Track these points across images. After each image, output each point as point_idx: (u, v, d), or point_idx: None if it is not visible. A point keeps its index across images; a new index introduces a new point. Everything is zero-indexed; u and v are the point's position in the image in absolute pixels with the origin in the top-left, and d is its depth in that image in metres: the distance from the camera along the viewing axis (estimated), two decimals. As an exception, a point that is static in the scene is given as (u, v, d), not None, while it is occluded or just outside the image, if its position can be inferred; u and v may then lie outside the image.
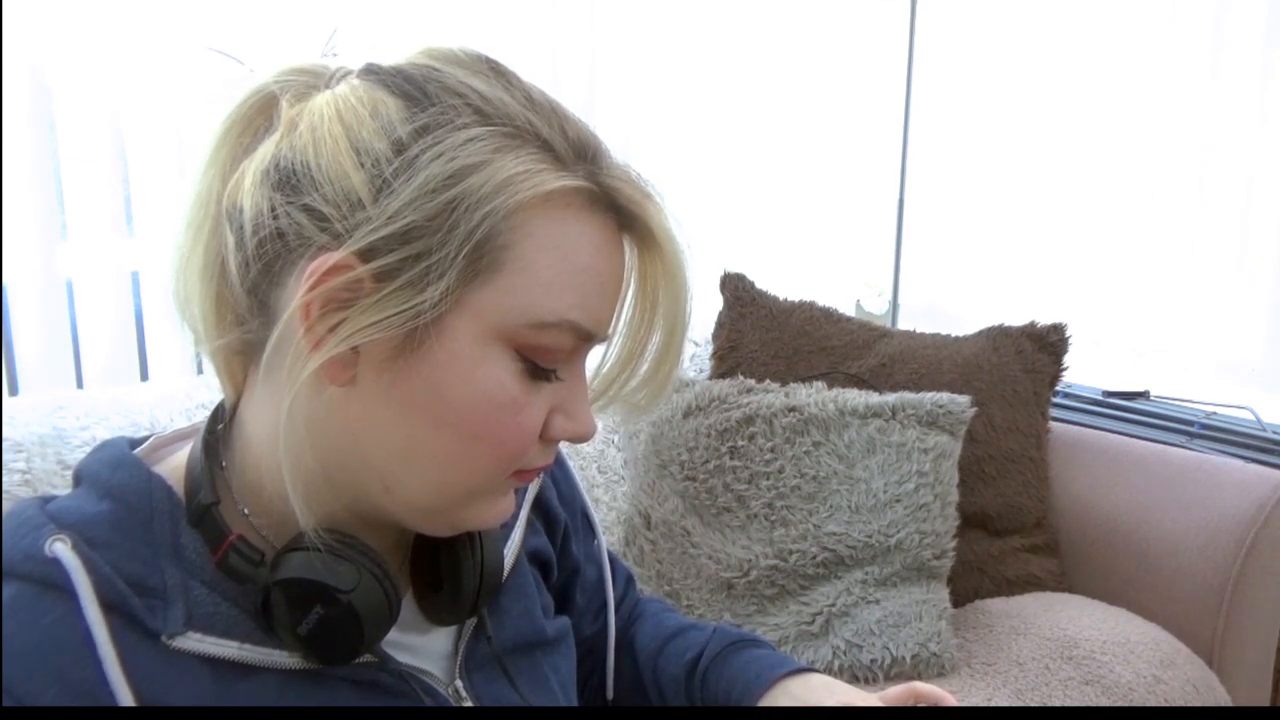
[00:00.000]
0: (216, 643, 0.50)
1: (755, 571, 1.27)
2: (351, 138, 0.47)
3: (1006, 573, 1.42)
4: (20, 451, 0.98)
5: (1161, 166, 1.84)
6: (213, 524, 0.52)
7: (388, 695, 0.55)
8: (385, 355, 0.48)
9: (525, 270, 0.49)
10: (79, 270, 1.36)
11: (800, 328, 1.54)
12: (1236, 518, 1.32)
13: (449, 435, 0.50)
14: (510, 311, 0.49)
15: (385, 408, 0.49)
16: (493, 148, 0.48)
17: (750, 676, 0.70)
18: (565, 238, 0.50)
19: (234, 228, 0.50)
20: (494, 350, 0.49)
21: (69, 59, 1.31)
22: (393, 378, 0.49)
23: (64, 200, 1.34)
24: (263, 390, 0.53)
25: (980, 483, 1.43)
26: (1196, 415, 1.69)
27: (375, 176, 0.47)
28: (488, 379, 0.49)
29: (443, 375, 0.49)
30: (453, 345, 0.48)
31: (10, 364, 1.32)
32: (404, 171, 0.47)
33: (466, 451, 0.51)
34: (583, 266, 0.50)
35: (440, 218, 0.46)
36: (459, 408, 0.49)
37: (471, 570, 0.58)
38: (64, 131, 1.33)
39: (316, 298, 0.47)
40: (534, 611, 0.66)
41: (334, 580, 0.51)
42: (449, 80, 0.49)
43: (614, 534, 1.39)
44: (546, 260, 0.49)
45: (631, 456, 1.45)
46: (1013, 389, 1.47)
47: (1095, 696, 1.16)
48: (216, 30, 1.35)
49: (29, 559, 0.48)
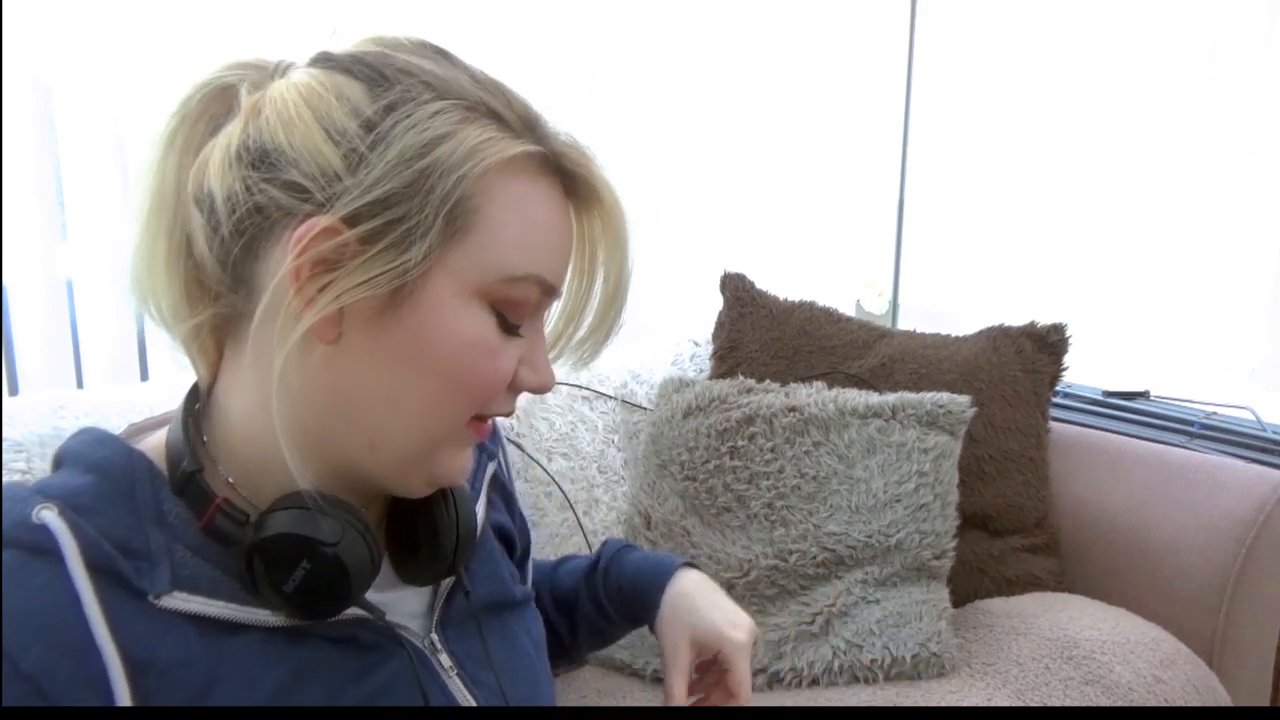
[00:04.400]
0: (203, 602, 0.52)
1: (755, 571, 1.27)
2: (320, 118, 0.52)
3: (1006, 573, 1.42)
4: (20, 451, 0.98)
5: (1161, 167, 1.84)
6: (197, 490, 0.55)
7: (366, 650, 0.57)
8: (371, 312, 0.53)
9: (494, 230, 0.54)
10: (79, 270, 1.36)
11: (800, 328, 1.54)
12: (1236, 518, 1.32)
13: (433, 380, 0.54)
14: (484, 267, 0.54)
15: (371, 360, 0.53)
16: (456, 119, 0.53)
17: (650, 569, 0.80)
18: (524, 199, 0.55)
19: (204, 210, 0.53)
20: (472, 304, 0.54)
21: (69, 59, 1.31)
22: (378, 332, 0.53)
23: (64, 200, 1.34)
24: (244, 360, 0.55)
25: (980, 483, 1.43)
26: (1196, 415, 1.69)
27: (350, 151, 0.51)
28: (468, 329, 0.54)
29: (426, 326, 0.53)
30: (434, 298, 0.53)
31: (10, 364, 1.32)
32: (378, 145, 0.51)
33: (447, 395, 0.55)
34: (541, 225, 0.56)
35: (416, 184, 0.51)
36: (442, 355, 0.54)
37: (448, 529, 0.61)
38: (64, 131, 1.33)
39: (306, 261, 0.51)
40: (501, 574, 0.70)
41: (319, 534, 0.53)
42: (401, 63, 0.54)
43: (614, 534, 1.39)
44: (511, 220, 0.54)
45: (631, 456, 1.45)
46: (1013, 389, 1.47)
47: (1095, 696, 1.16)
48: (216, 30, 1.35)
49: (17, 526, 0.50)
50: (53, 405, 1.05)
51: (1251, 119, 1.72)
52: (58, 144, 1.33)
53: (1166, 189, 1.83)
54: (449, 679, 0.61)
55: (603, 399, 1.47)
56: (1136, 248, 1.89)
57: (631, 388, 1.50)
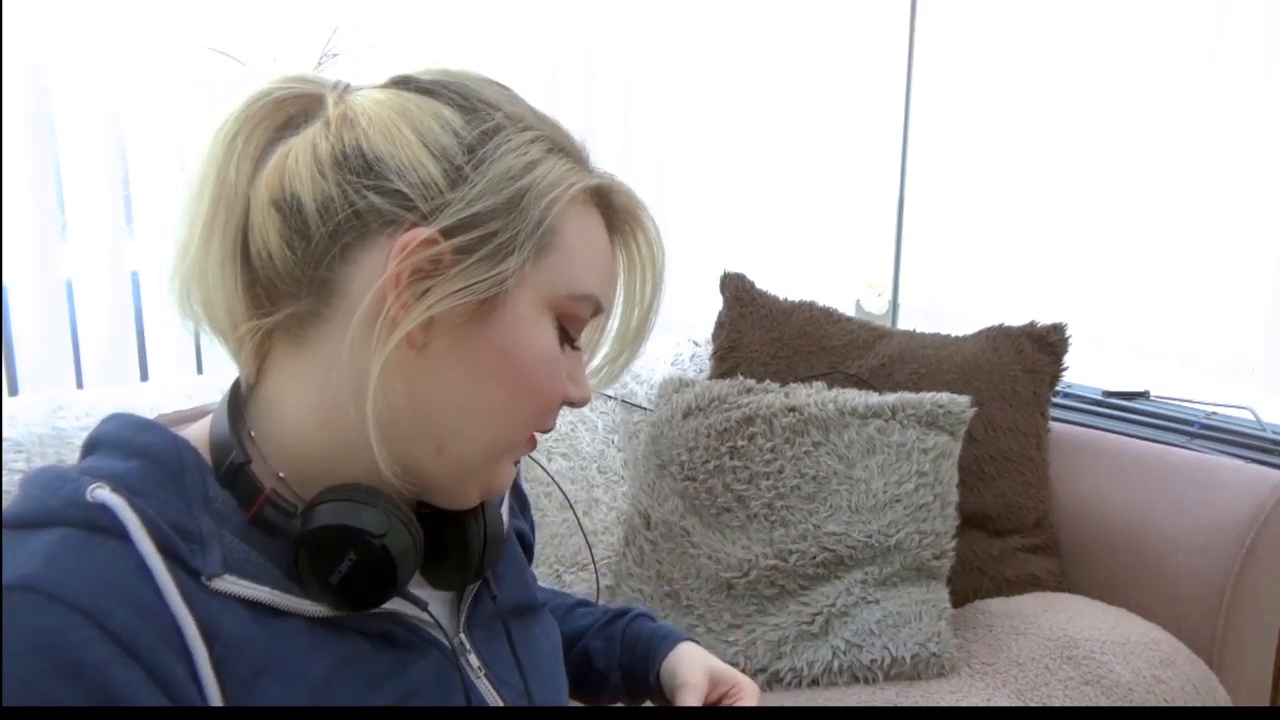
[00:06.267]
0: (251, 586, 0.53)
1: (755, 571, 1.27)
2: (421, 134, 0.55)
3: (1006, 573, 1.42)
4: (20, 451, 0.98)
5: (1161, 166, 1.84)
6: (245, 482, 0.55)
7: (401, 647, 0.58)
8: (458, 320, 0.55)
9: (568, 251, 0.58)
10: (79, 270, 1.36)
11: (800, 328, 1.54)
12: (1236, 518, 1.32)
13: (509, 389, 0.58)
14: (558, 284, 0.58)
15: (454, 368, 0.56)
16: (545, 149, 0.58)
17: (665, 630, 0.84)
18: (589, 227, 0.60)
19: (287, 213, 0.55)
20: (545, 318, 0.58)
21: (69, 59, 1.31)
22: (464, 340, 0.56)
23: (64, 200, 1.34)
24: (308, 359, 0.57)
25: (980, 483, 1.43)
26: (1196, 415, 1.69)
27: (451, 167, 0.55)
28: (542, 341, 0.58)
29: (509, 337, 0.57)
30: (516, 312, 0.57)
31: (10, 364, 1.32)
32: (481, 164, 0.55)
33: (520, 403, 0.58)
34: (601, 251, 0.61)
35: (513, 203, 0.55)
36: (520, 365, 0.57)
37: (476, 535, 0.63)
38: (64, 131, 1.32)
39: (406, 268, 0.53)
40: (525, 578, 0.73)
41: (366, 525, 0.54)
42: (483, 94, 0.58)
43: (614, 534, 1.39)
44: (581, 244, 0.59)
45: (631, 456, 1.45)
46: (1013, 389, 1.47)
47: (1095, 696, 1.16)
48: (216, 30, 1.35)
49: (72, 505, 0.49)
50: (52, 405, 1.05)
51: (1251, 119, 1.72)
52: (57, 144, 1.32)
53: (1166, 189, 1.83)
54: (477, 679, 0.62)
55: (603, 399, 1.47)
56: (1137, 248, 1.89)
57: (631, 388, 1.50)
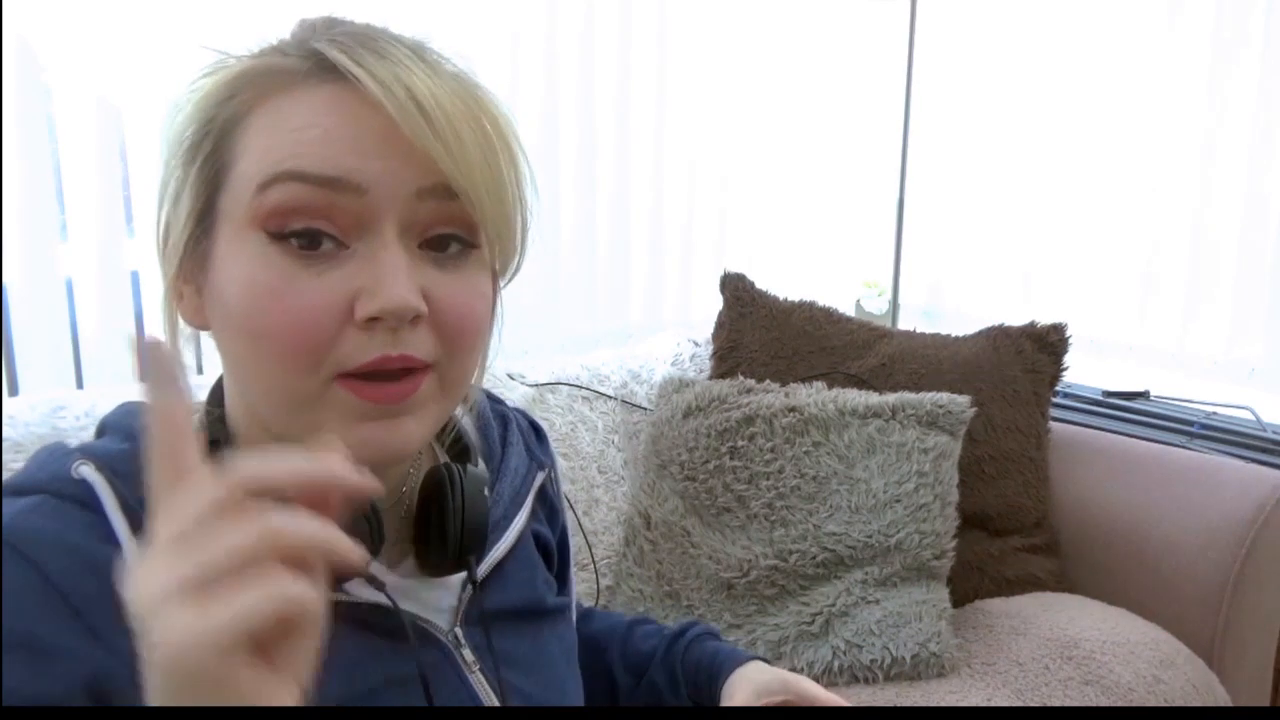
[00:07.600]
0: None
1: (755, 572, 1.27)
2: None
3: (1006, 573, 1.42)
4: (20, 451, 0.98)
5: (1161, 166, 1.84)
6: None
7: (388, 637, 0.58)
8: (198, 291, 0.54)
9: (246, 154, 0.51)
10: (79, 270, 1.36)
11: (800, 328, 1.54)
12: (1236, 518, 1.32)
13: (242, 341, 0.51)
14: (240, 193, 0.50)
15: (217, 338, 0.54)
16: (234, 73, 0.53)
17: (729, 650, 0.80)
18: (279, 113, 0.51)
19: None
20: (249, 243, 0.50)
21: (69, 59, 1.31)
22: (208, 309, 0.54)
23: (64, 200, 1.34)
24: None
25: (980, 483, 1.43)
26: (1196, 415, 1.69)
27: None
28: (244, 271, 0.50)
29: (218, 283, 0.52)
30: (217, 251, 0.52)
31: (10, 364, 1.32)
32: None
33: (258, 352, 0.50)
34: (296, 127, 0.50)
35: (182, 156, 0.53)
36: (234, 309, 0.51)
37: (453, 518, 0.59)
38: (64, 131, 1.32)
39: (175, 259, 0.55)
40: (535, 581, 0.70)
41: None
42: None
43: (614, 534, 1.39)
44: (262, 137, 0.51)
45: (631, 456, 1.45)
46: (1013, 389, 1.47)
47: (1095, 696, 1.16)
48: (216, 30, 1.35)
49: (56, 479, 0.51)
50: (52, 405, 1.05)
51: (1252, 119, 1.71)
52: (58, 144, 1.32)
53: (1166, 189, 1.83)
54: (470, 673, 0.62)
55: (603, 399, 1.47)
56: (1137, 248, 1.89)
57: (631, 388, 1.50)
